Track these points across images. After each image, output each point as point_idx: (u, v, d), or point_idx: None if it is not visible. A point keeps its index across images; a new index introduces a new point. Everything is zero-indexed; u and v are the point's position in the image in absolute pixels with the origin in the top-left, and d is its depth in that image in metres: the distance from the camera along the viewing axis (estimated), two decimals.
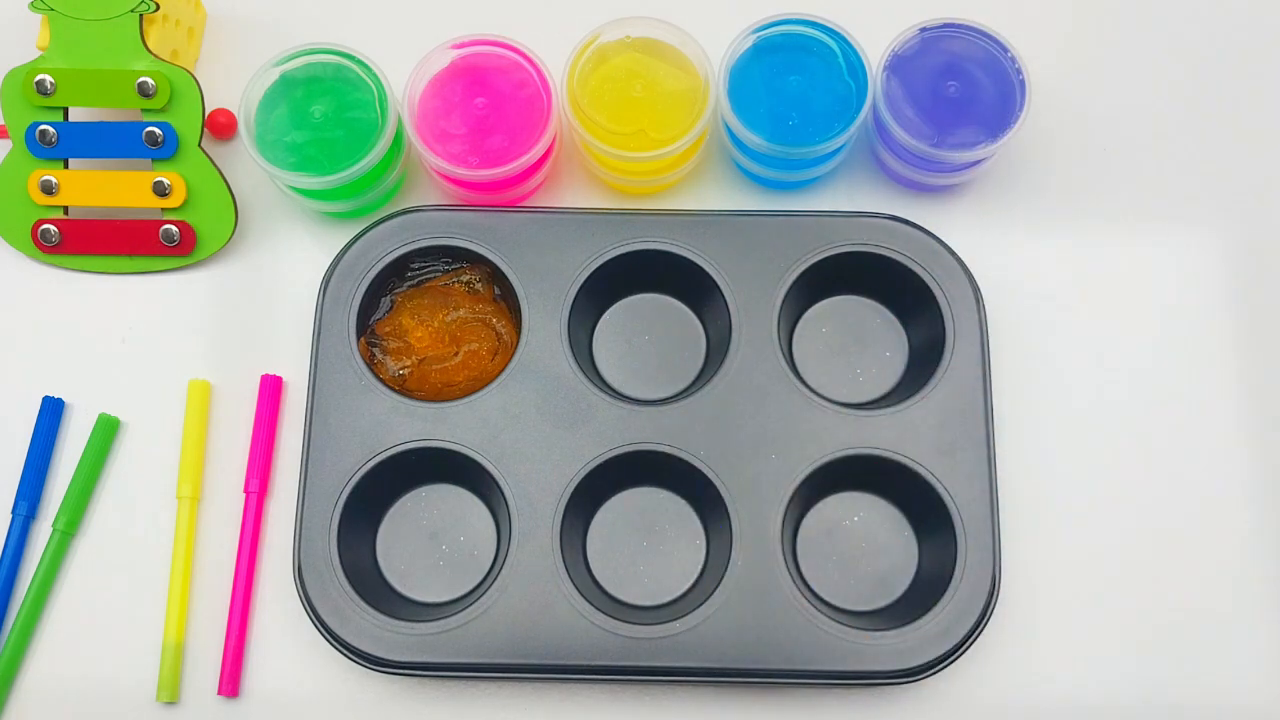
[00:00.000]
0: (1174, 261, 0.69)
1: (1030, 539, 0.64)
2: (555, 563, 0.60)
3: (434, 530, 0.64)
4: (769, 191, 0.70)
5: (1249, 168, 0.70)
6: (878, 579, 0.63)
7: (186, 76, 0.66)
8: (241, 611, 0.63)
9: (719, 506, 0.61)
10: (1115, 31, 0.73)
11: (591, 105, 0.64)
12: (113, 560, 0.64)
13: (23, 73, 0.66)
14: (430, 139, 0.65)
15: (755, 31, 0.65)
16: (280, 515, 0.65)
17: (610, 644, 0.59)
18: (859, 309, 0.67)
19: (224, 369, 0.67)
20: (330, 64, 0.65)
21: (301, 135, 0.65)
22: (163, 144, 0.66)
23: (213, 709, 0.63)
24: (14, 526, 0.64)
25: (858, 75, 0.65)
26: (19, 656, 0.63)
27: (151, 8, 0.65)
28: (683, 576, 0.63)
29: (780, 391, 0.63)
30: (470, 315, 0.65)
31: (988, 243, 0.67)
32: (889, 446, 0.62)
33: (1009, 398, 0.65)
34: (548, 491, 0.61)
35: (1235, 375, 0.67)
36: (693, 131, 0.63)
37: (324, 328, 0.64)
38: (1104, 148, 0.70)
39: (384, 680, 0.62)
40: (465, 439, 0.62)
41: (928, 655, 0.59)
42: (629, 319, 0.67)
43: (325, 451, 0.62)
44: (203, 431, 0.66)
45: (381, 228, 0.65)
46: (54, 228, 0.67)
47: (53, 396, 0.66)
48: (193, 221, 0.67)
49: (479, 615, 0.60)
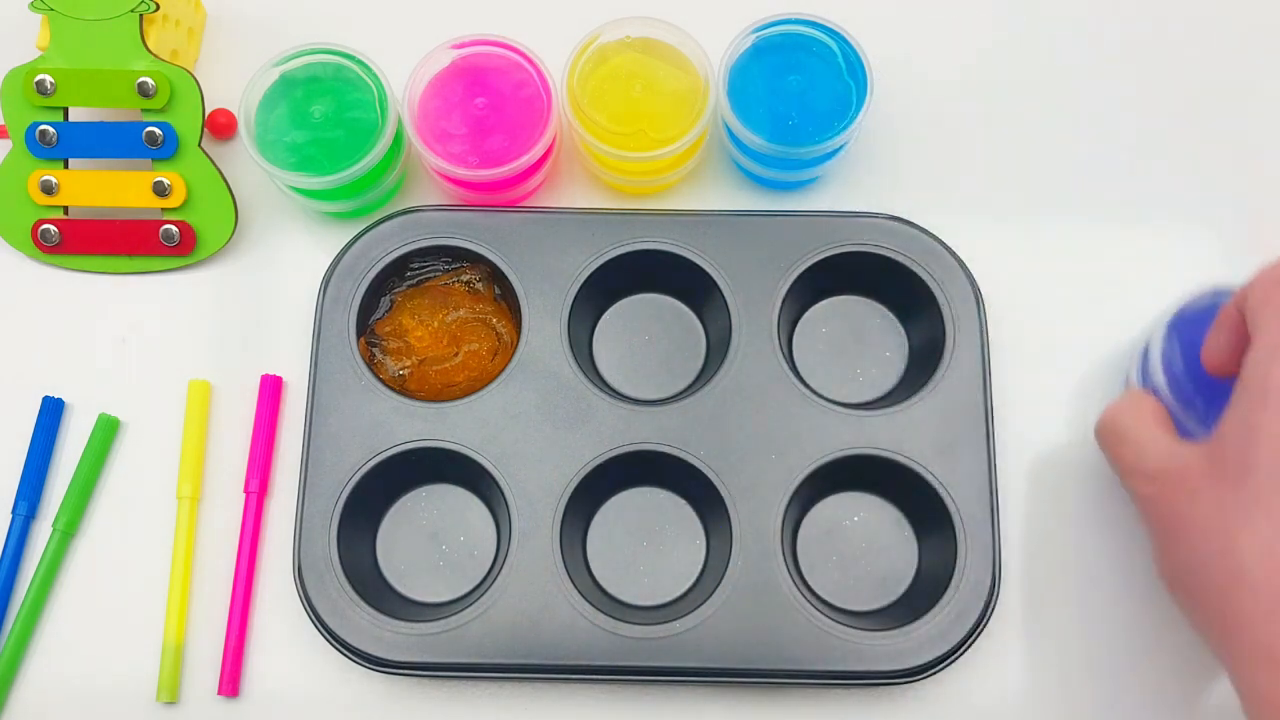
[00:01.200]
0: (1175, 260, 0.69)
1: (1030, 539, 0.64)
2: (555, 563, 0.60)
3: (434, 530, 0.64)
4: (769, 191, 0.70)
5: (1249, 167, 0.70)
6: (878, 579, 0.63)
7: (186, 76, 0.66)
8: (241, 611, 0.63)
9: (719, 507, 0.61)
10: (1116, 32, 0.73)
11: (591, 105, 0.64)
12: (113, 560, 0.65)
13: (23, 73, 0.66)
14: (430, 139, 0.65)
15: (755, 31, 0.65)
16: (280, 515, 0.65)
17: (610, 644, 0.59)
18: (859, 309, 0.67)
19: (224, 369, 0.67)
20: (330, 64, 0.65)
21: (301, 135, 0.65)
22: (163, 144, 0.66)
23: (213, 709, 0.63)
24: (14, 526, 0.64)
25: (858, 75, 0.64)
26: (19, 656, 0.63)
27: (151, 8, 0.65)
28: (683, 576, 0.63)
29: (780, 391, 0.63)
30: (470, 315, 0.65)
31: (988, 243, 0.67)
32: (889, 446, 0.62)
33: (1009, 398, 0.65)
34: (548, 491, 0.61)
35: None
36: (693, 131, 0.64)
37: (324, 328, 0.64)
38: (1104, 147, 0.70)
39: (384, 680, 0.62)
40: (465, 439, 0.62)
41: (928, 655, 0.59)
42: (629, 319, 0.67)
43: (325, 451, 0.62)
44: (203, 431, 0.66)
45: (381, 228, 0.65)
46: (54, 228, 0.67)
47: (53, 396, 0.66)
48: (193, 221, 0.67)
49: (479, 615, 0.60)
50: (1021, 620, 0.63)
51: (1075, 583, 0.64)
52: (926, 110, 0.71)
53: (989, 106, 0.71)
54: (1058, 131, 0.71)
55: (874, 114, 0.67)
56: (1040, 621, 0.63)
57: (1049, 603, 0.63)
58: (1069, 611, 0.63)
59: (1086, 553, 0.64)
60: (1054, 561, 0.64)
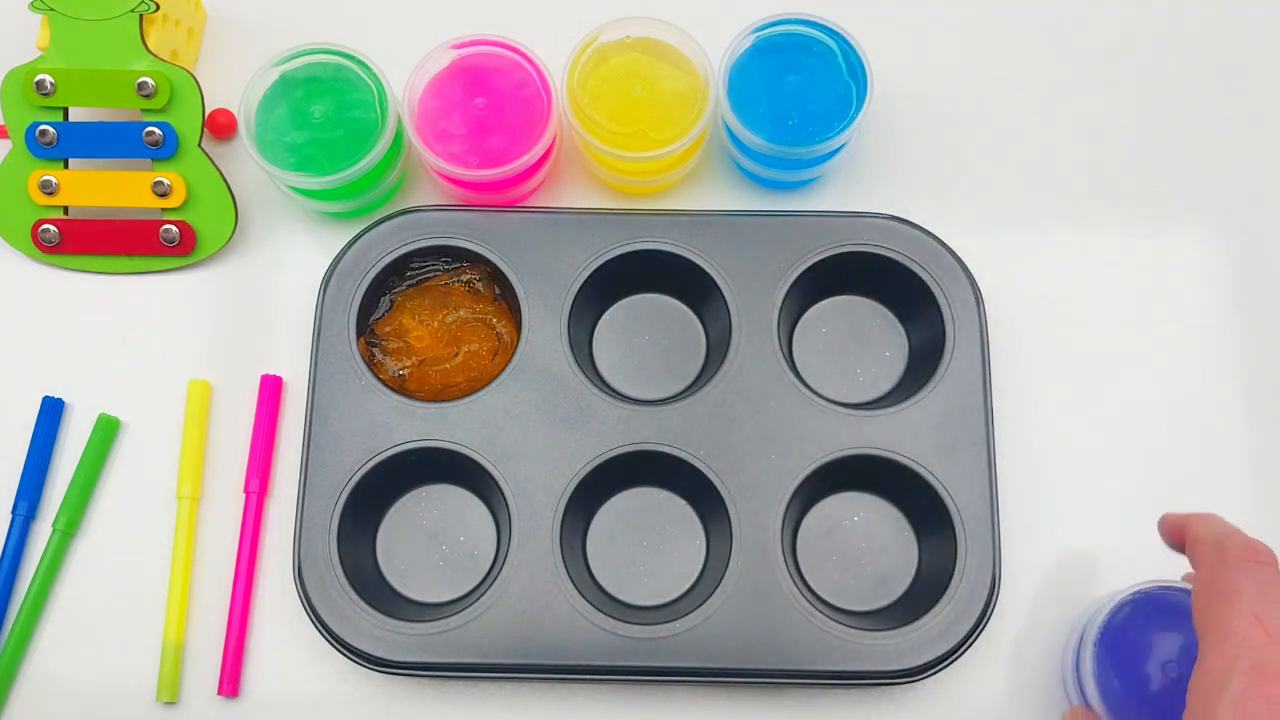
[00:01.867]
0: (1175, 261, 0.68)
1: (1030, 539, 0.64)
2: (555, 563, 0.60)
3: (434, 530, 0.64)
4: (769, 191, 0.70)
5: (1250, 167, 0.70)
6: (878, 579, 0.63)
7: (186, 76, 0.66)
8: (241, 611, 0.63)
9: (719, 506, 0.61)
10: (1117, 33, 0.73)
11: (591, 105, 0.64)
12: (113, 560, 0.65)
13: (23, 73, 0.66)
14: (430, 139, 0.65)
15: (755, 31, 0.65)
16: (280, 515, 0.65)
17: (610, 644, 0.59)
18: (859, 309, 0.67)
19: (224, 369, 0.67)
20: (330, 64, 0.65)
21: (301, 135, 0.65)
22: (163, 144, 0.66)
23: (213, 709, 0.63)
24: (14, 526, 0.64)
25: (858, 75, 0.65)
26: (19, 656, 0.63)
27: (151, 8, 0.65)
28: (683, 576, 0.63)
29: (780, 391, 0.63)
30: (470, 315, 0.65)
31: (988, 243, 0.67)
32: (889, 446, 0.62)
33: (1009, 398, 0.65)
34: (548, 491, 0.61)
35: (1236, 375, 0.67)
36: (693, 131, 0.64)
37: (324, 328, 0.64)
38: (1104, 148, 0.70)
39: (384, 680, 0.62)
40: (465, 439, 0.62)
41: (928, 655, 0.59)
42: (629, 319, 0.67)
43: (325, 451, 0.62)
44: (203, 431, 0.66)
45: (381, 228, 0.65)
46: (54, 228, 0.67)
47: (53, 396, 0.66)
48: (193, 221, 0.67)
49: (479, 615, 0.60)
50: (1021, 620, 0.63)
51: (1075, 582, 0.64)
52: (926, 110, 0.71)
53: (989, 107, 0.71)
54: (1057, 132, 0.71)
55: (874, 114, 0.67)
56: (1040, 622, 0.63)
57: (1049, 603, 0.63)
58: (1069, 611, 0.63)
59: (1086, 553, 0.64)
60: (1054, 561, 0.64)
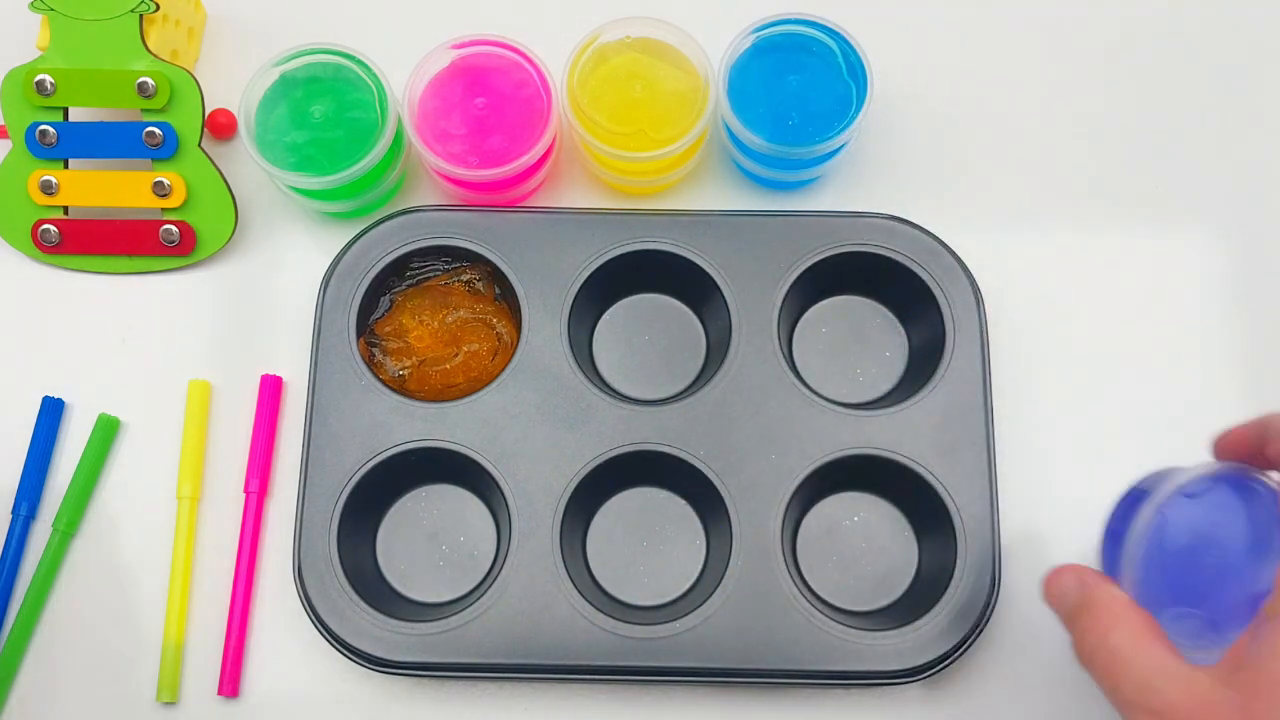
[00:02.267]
0: (1175, 260, 0.69)
1: (1030, 539, 0.64)
2: (555, 563, 0.60)
3: (434, 530, 0.64)
4: (769, 191, 0.70)
5: (1250, 167, 0.70)
6: (878, 579, 0.63)
7: (186, 76, 0.66)
8: (241, 611, 0.63)
9: (719, 506, 0.61)
10: (1117, 33, 0.73)
11: (591, 105, 0.64)
12: (113, 560, 0.64)
13: (23, 73, 0.66)
14: (430, 139, 0.65)
15: (755, 31, 0.65)
16: (280, 515, 0.65)
17: (610, 644, 0.59)
18: (859, 309, 0.67)
19: (224, 369, 0.67)
20: (330, 64, 0.65)
21: (301, 135, 0.65)
22: (163, 144, 0.66)
23: (213, 709, 0.63)
24: (14, 526, 0.64)
25: (858, 75, 0.65)
26: (19, 656, 0.63)
27: (151, 8, 0.65)
28: (683, 576, 0.63)
29: (780, 391, 0.63)
30: (470, 315, 0.65)
31: (988, 243, 0.67)
32: (889, 446, 0.62)
33: (1009, 398, 0.65)
34: (548, 491, 0.61)
35: (1236, 375, 0.67)
36: (693, 131, 0.64)
37: (324, 328, 0.64)
38: (1104, 148, 0.70)
39: (384, 680, 0.62)
40: (465, 439, 0.62)
41: (928, 655, 0.59)
42: (629, 319, 0.67)
43: (325, 451, 0.62)
44: (203, 431, 0.66)
45: (381, 228, 0.65)
46: (54, 228, 0.67)
47: (53, 396, 0.66)
48: (193, 221, 0.67)
49: (479, 615, 0.60)
50: (1021, 620, 0.63)
51: None
52: (926, 110, 0.71)
53: (989, 107, 0.71)
54: (1057, 132, 0.71)
55: (874, 114, 0.67)
56: (1040, 621, 0.63)
57: None
58: None
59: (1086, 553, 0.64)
60: (1054, 562, 0.64)
